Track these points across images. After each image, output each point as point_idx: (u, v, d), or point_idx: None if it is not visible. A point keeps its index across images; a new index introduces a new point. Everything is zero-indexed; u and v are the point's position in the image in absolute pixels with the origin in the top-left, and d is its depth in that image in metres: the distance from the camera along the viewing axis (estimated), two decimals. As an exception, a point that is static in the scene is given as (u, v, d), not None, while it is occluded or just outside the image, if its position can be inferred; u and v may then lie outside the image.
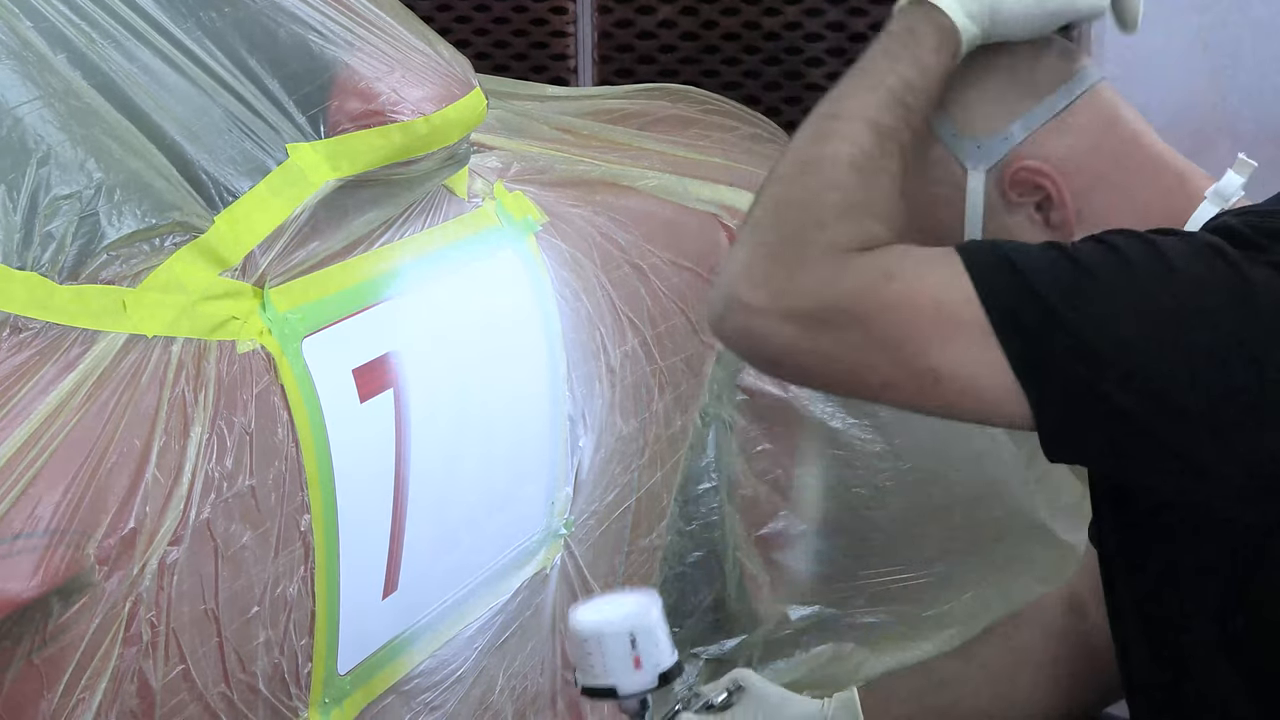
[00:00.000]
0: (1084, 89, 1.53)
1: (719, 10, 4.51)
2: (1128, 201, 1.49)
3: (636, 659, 1.60)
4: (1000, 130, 1.50)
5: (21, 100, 1.73)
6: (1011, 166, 1.49)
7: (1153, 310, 1.30)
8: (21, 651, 1.50)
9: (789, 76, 4.46)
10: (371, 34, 2.08)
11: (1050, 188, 1.48)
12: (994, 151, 1.51)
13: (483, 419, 2.19)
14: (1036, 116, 1.50)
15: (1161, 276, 1.31)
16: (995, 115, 1.51)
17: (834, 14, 4.40)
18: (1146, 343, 1.29)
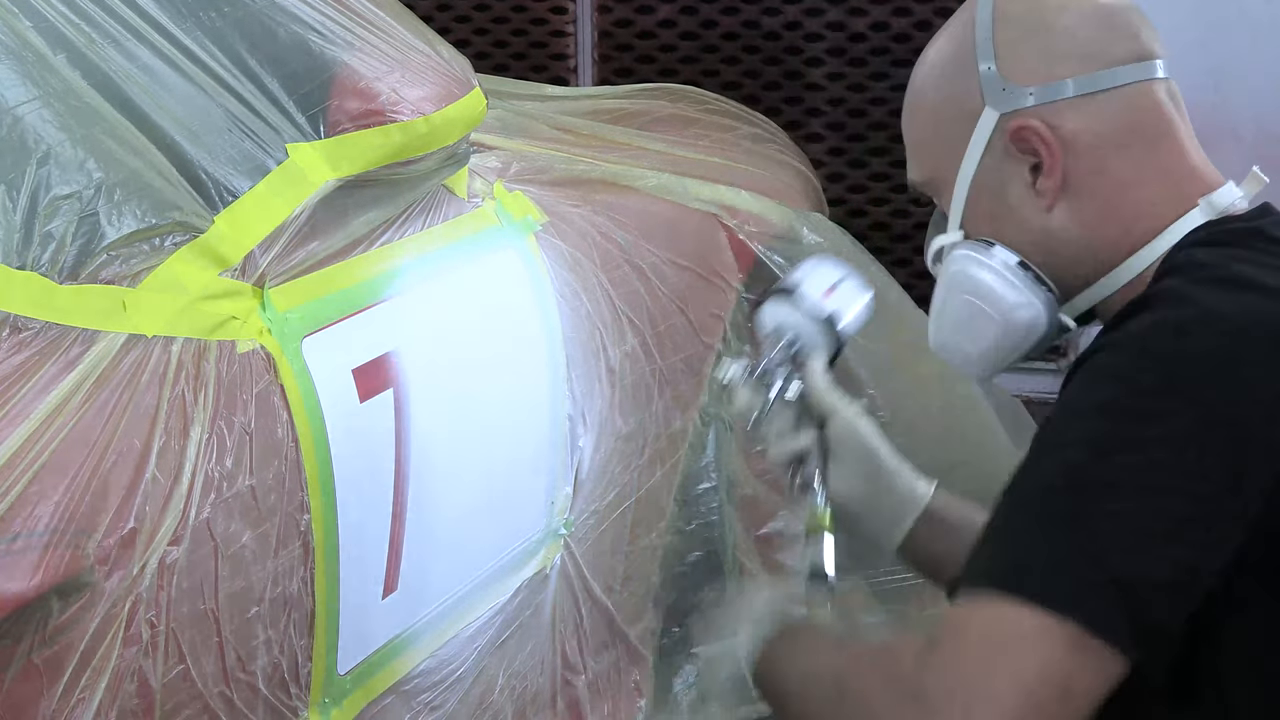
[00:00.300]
0: (1131, 81, 1.50)
1: (719, 10, 4.51)
2: (1119, 196, 1.48)
3: (830, 290, 1.80)
4: (1030, 84, 1.50)
5: (21, 100, 1.74)
6: (1021, 122, 1.49)
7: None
8: (21, 651, 1.50)
9: (789, 76, 4.46)
10: (371, 34, 2.08)
11: (1045, 157, 1.49)
12: (1014, 101, 1.50)
13: (482, 419, 2.19)
14: (1070, 88, 1.49)
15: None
16: (1034, 69, 1.50)
17: (834, 14, 4.40)
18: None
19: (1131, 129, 1.49)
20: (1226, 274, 1.37)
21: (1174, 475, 1.27)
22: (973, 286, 1.53)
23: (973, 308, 1.55)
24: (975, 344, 1.57)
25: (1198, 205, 1.47)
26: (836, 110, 4.41)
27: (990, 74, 1.51)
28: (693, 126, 3.17)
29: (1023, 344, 1.53)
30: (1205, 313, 1.33)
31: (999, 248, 1.52)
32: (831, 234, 3.01)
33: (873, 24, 4.36)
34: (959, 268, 1.54)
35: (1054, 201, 1.49)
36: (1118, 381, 1.31)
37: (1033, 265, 1.51)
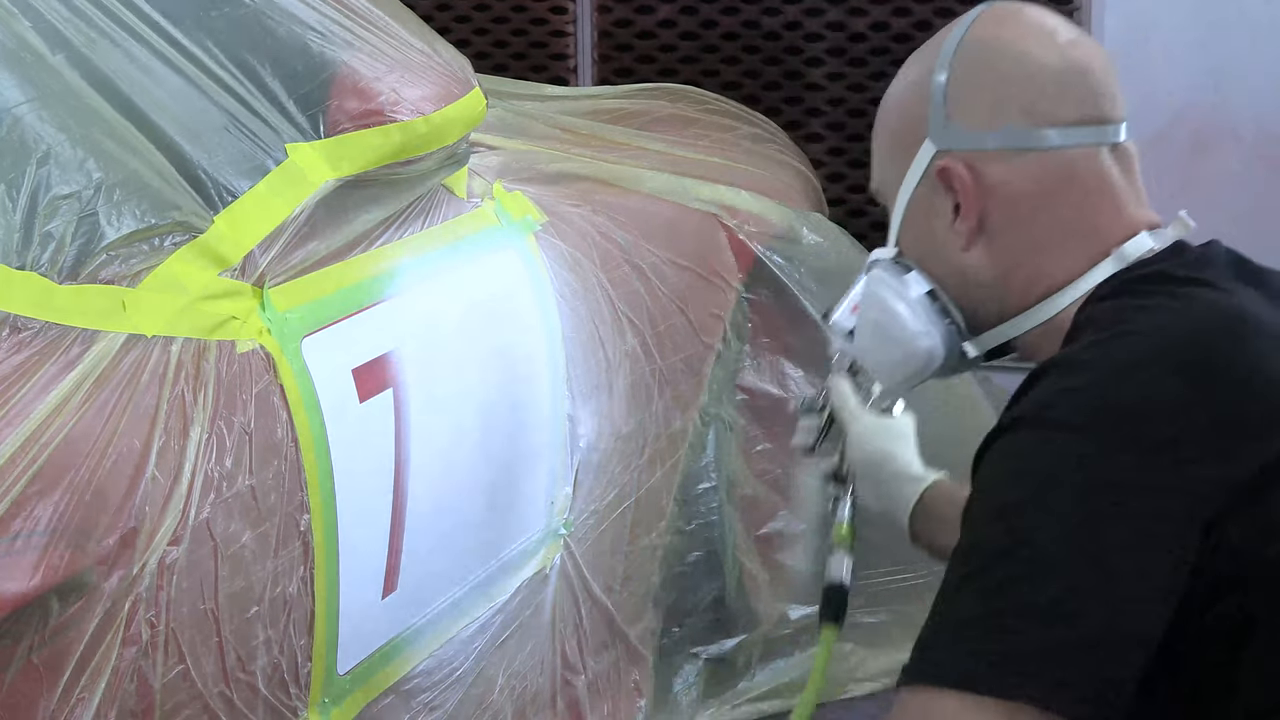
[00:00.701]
0: (1070, 144, 1.51)
1: (719, 10, 4.51)
2: (1034, 249, 1.50)
3: (856, 306, 1.81)
4: (970, 127, 1.52)
5: (20, 100, 1.74)
6: (947, 162, 1.52)
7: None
8: (21, 651, 1.50)
9: (789, 76, 4.46)
10: (371, 33, 2.08)
11: (963, 201, 1.51)
12: (951, 139, 1.53)
13: (482, 419, 2.19)
14: (1004, 139, 1.51)
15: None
16: (977, 113, 1.52)
17: (834, 14, 4.40)
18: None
19: (1060, 189, 1.50)
20: (1118, 330, 1.38)
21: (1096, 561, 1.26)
22: (882, 308, 1.59)
23: (880, 328, 1.61)
24: (883, 360, 1.64)
25: (1109, 257, 1.48)
26: (836, 110, 4.41)
27: (938, 108, 1.54)
28: (692, 126, 3.17)
29: (925, 368, 1.59)
30: (1091, 383, 1.33)
31: (913, 275, 1.57)
32: (831, 234, 3.01)
33: (873, 24, 4.36)
34: (872, 289, 1.61)
35: (969, 243, 1.52)
36: (1028, 476, 1.31)
37: (943, 295, 1.55)
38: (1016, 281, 1.51)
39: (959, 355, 1.58)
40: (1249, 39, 4.51)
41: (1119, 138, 1.53)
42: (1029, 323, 1.51)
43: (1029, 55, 1.52)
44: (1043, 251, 1.50)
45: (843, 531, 1.95)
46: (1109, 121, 1.53)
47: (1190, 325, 1.38)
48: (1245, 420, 1.30)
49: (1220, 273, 1.46)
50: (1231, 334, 1.37)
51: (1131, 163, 1.55)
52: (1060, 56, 1.52)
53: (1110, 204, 1.51)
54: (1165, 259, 1.48)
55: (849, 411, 1.91)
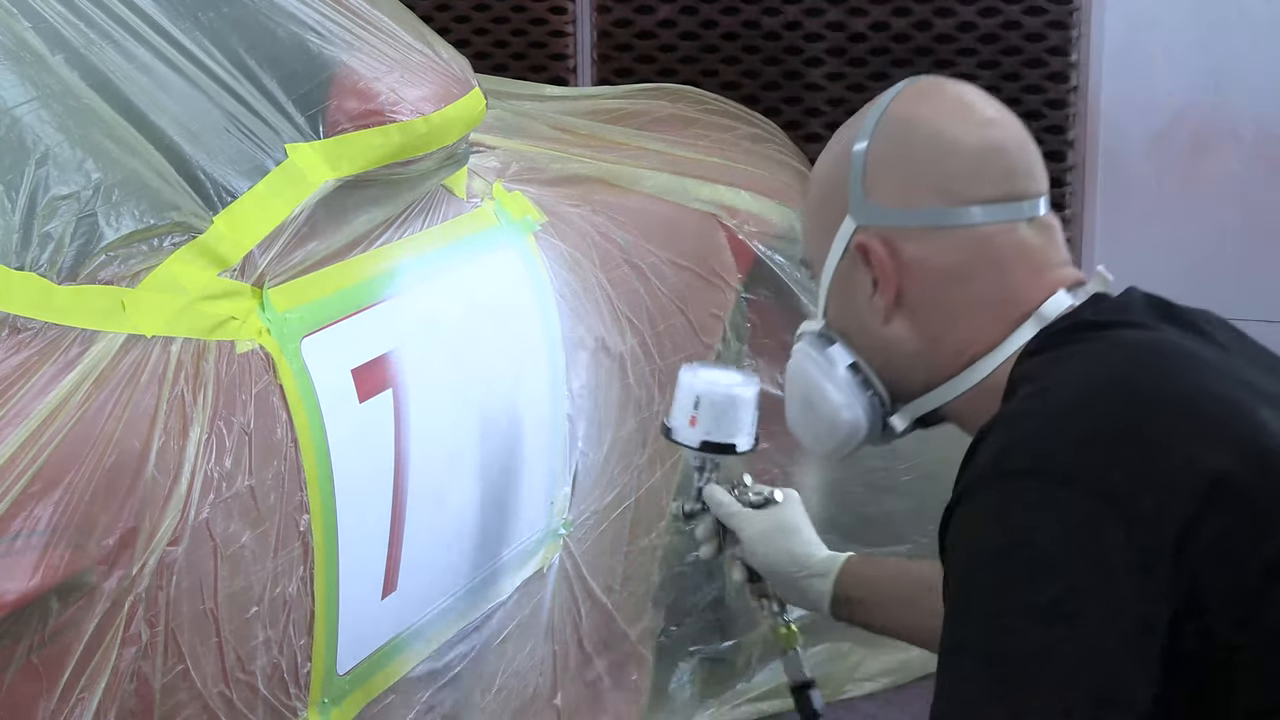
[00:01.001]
0: (986, 222, 1.52)
1: (718, 10, 4.51)
2: (954, 321, 1.52)
3: (693, 419, 2.01)
4: (886, 205, 1.54)
5: (20, 100, 1.74)
6: (864, 239, 1.54)
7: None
8: (21, 651, 1.50)
9: (788, 76, 4.46)
10: (370, 33, 2.08)
11: (879, 277, 1.53)
12: (869, 216, 1.55)
13: (481, 419, 2.19)
14: (920, 217, 1.52)
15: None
16: (893, 191, 1.54)
17: (834, 14, 4.40)
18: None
19: (977, 265, 1.52)
20: (1051, 378, 1.40)
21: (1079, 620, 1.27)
22: (805, 381, 1.63)
23: (804, 400, 1.64)
24: (808, 432, 1.67)
25: (1030, 319, 1.50)
26: (836, 110, 4.41)
27: (857, 184, 1.55)
28: (692, 126, 3.17)
29: (849, 440, 1.62)
30: (1036, 430, 1.35)
31: (836, 347, 1.60)
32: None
33: (872, 24, 4.36)
34: (796, 361, 1.64)
35: (888, 317, 1.54)
36: (996, 541, 1.31)
37: (866, 368, 1.58)
38: (941, 351, 1.53)
39: (885, 427, 1.61)
40: (1249, 39, 4.51)
41: (1037, 212, 1.54)
42: (956, 389, 1.53)
43: (944, 135, 1.53)
44: (962, 322, 1.52)
45: (783, 632, 2.01)
46: (1026, 198, 1.54)
47: (1122, 358, 1.40)
48: (1194, 435, 1.31)
49: (1141, 314, 1.48)
50: (1163, 359, 1.40)
51: (1052, 230, 1.56)
52: (976, 136, 1.53)
53: (1028, 271, 1.52)
54: (1085, 309, 1.50)
55: (735, 518, 1.97)
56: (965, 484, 1.37)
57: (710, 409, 2.01)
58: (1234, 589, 1.27)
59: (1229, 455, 1.30)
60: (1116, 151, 4.63)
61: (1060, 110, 4.30)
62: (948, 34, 4.33)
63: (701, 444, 2.01)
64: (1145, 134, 4.61)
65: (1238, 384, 1.39)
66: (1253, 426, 1.33)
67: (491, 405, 2.21)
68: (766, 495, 1.99)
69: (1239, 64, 4.52)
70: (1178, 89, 4.53)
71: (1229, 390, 1.37)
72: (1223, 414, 1.34)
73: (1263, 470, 1.30)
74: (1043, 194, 1.56)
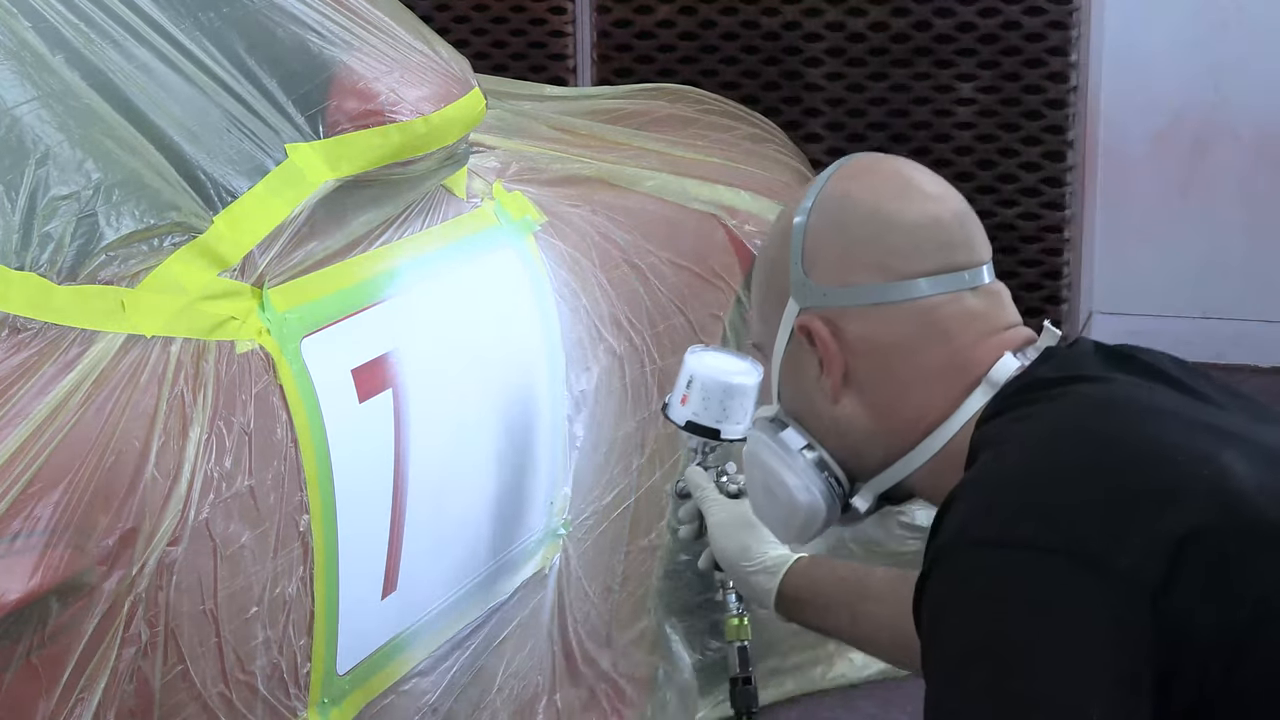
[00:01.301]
0: (927, 295, 1.52)
1: (718, 10, 4.51)
2: (904, 393, 1.52)
3: (684, 398, 2.04)
4: (826, 285, 1.53)
5: (20, 100, 1.73)
6: (806, 320, 1.54)
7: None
8: (20, 651, 1.50)
9: (787, 76, 4.46)
10: (370, 34, 2.07)
11: (824, 357, 1.53)
12: (810, 297, 1.54)
13: (481, 419, 2.19)
14: (860, 295, 1.52)
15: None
16: (832, 271, 1.54)
17: (833, 14, 4.40)
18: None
19: (922, 338, 1.51)
20: (1009, 442, 1.40)
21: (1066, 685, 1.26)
22: (760, 466, 1.63)
23: (763, 486, 1.64)
24: (770, 516, 1.67)
25: (980, 385, 1.49)
26: (835, 110, 4.41)
27: (797, 266, 1.55)
28: (691, 126, 3.17)
29: (810, 522, 1.61)
30: (999, 498, 1.34)
31: (789, 431, 1.59)
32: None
33: (872, 24, 4.36)
34: (751, 447, 1.65)
35: (838, 396, 1.54)
36: (964, 629, 1.31)
37: (821, 449, 1.58)
38: (894, 425, 1.53)
39: (847, 507, 1.60)
40: (1248, 39, 4.51)
41: (981, 281, 1.54)
42: (915, 462, 1.52)
43: (880, 212, 1.53)
44: (913, 394, 1.51)
45: (733, 624, 2.04)
46: (967, 268, 1.53)
47: (1080, 416, 1.39)
48: (1158, 493, 1.30)
49: (1094, 366, 1.47)
50: (1121, 415, 1.39)
51: (997, 295, 1.55)
52: (912, 210, 1.53)
53: (975, 337, 1.52)
54: (1036, 367, 1.49)
55: (706, 502, 1.99)
56: (934, 553, 1.36)
57: (701, 391, 2.03)
58: (1219, 640, 1.26)
59: (1196, 510, 1.28)
60: (1116, 151, 4.63)
61: (1060, 110, 4.30)
62: (947, 34, 4.33)
63: (687, 423, 2.04)
64: (1145, 134, 4.61)
65: (1200, 429, 1.38)
66: (1219, 474, 1.32)
67: (491, 406, 2.21)
68: (741, 486, 1.98)
69: (1238, 64, 4.52)
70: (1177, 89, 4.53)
71: (1191, 439, 1.36)
72: (1186, 466, 1.32)
73: (1233, 519, 1.29)
74: (984, 263, 1.55)
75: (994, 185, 4.36)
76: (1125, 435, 1.36)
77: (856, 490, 1.59)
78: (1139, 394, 1.43)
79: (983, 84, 4.34)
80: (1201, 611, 1.26)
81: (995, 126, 4.35)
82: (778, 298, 1.58)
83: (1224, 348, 4.63)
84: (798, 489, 1.58)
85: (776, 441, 1.60)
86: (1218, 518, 1.29)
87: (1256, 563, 1.28)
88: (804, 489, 1.58)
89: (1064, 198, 4.35)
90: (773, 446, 1.60)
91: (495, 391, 2.22)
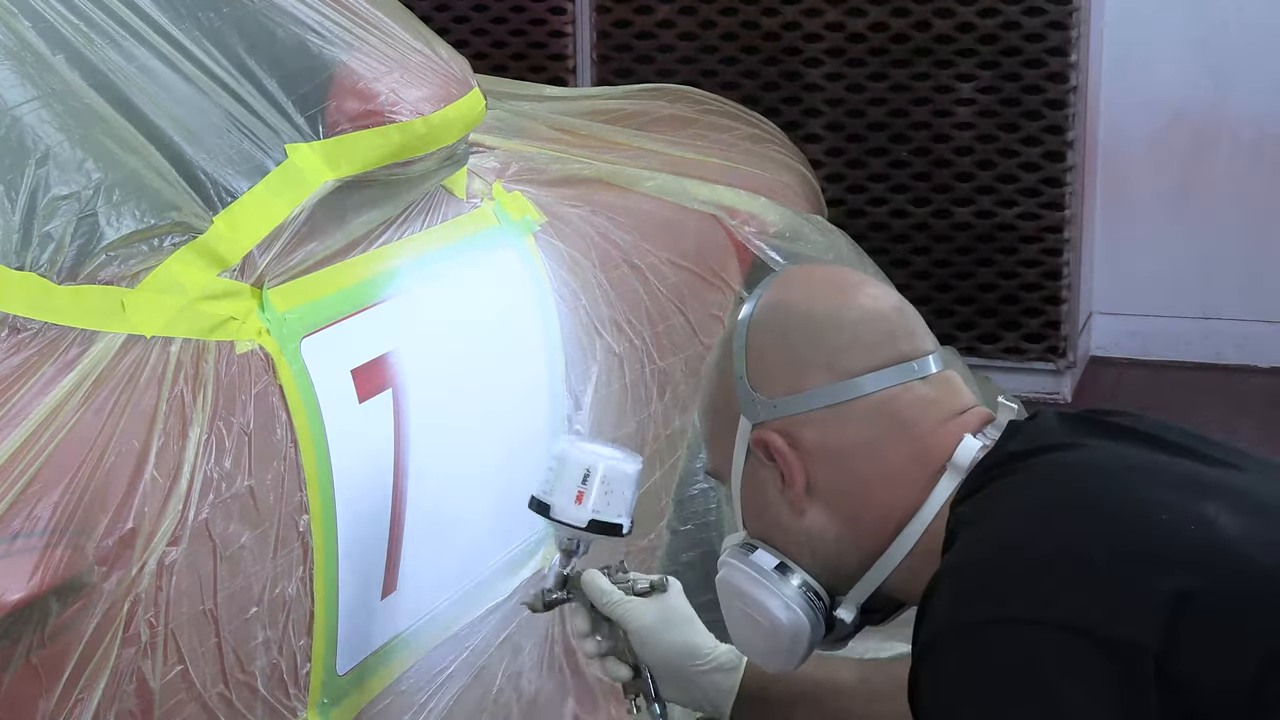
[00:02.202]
0: (877, 389, 1.50)
1: (717, 10, 4.51)
2: (868, 493, 1.50)
3: (580, 494, 1.84)
4: (774, 396, 1.52)
5: (20, 100, 1.73)
6: (760, 434, 1.52)
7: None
8: (20, 651, 1.50)
9: (787, 77, 4.46)
10: (370, 34, 2.07)
11: (784, 469, 1.52)
12: (760, 411, 1.53)
13: (481, 419, 2.19)
14: (810, 401, 1.51)
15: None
16: (777, 381, 1.53)
17: (832, 14, 4.40)
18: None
19: (878, 432, 1.50)
20: (986, 522, 1.37)
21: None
22: (736, 592, 1.58)
23: (742, 612, 1.59)
24: (755, 645, 1.61)
25: (945, 473, 1.47)
26: (835, 111, 4.41)
27: (743, 384, 1.54)
28: (691, 127, 3.17)
29: (796, 642, 1.56)
30: (981, 581, 1.32)
31: (760, 552, 1.56)
32: (829, 235, 3.01)
33: (871, 25, 4.37)
34: (723, 574, 1.60)
35: (802, 506, 1.52)
36: (966, 698, 1.29)
37: (794, 565, 1.54)
38: (864, 527, 1.51)
39: (831, 621, 1.56)
40: (1247, 39, 4.52)
41: (928, 370, 1.52)
42: (892, 562, 1.50)
43: (816, 313, 1.52)
44: (878, 493, 1.50)
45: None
46: (913, 358, 1.52)
47: (1053, 485, 1.38)
48: (1145, 558, 1.28)
49: (1060, 434, 1.45)
50: (1097, 480, 1.37)
51: (949, 382, 1.53)
52: (850, 308, 1.52)
53: (932, 425, 1.50)
54: (1004, 443, 1.47)
55: (621, 607, 1.82)
56: (924, 643, 1.34)
57: (603, 484, 1.86)
58: (1227, 700, 1.24)
59: (1184, 572, 1.27)
60: (1116, 152, 4.64)
61: (1060, 111, 4.30)
62: (947, 34, 4.34)
63: (590, 524, 1.85)
64: (1144, 134, 4.61)
65: (1178, 482, 1.37)
66: (1205, 530, 1.31)
67: (490, 406, 2.21)
68: (651, 582, 1.85)
69: (1237, 64, 4.53)
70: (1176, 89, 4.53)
71: (1172, 496, 1.34)
72: (1172, 525, 1.31)
73: (1225, 574, 1.28)
74: (930, 353, 1.53)
75: (993, 185, 4.36)
76: (1106, 500, 1.34)
77: (838, 605, 1.56)
78: (1111, 459, 1.41)
79: (982, 84, 4.34)
80: (1206, 673, 1.24)
81: (995, 127, 4.35)
82: (728, 419, 1.56)
83: (1223, 348, 4.64)
84: (778, 609, 1.55)
85: (749, 565, 1.57)
86: (1209, 576, 1.27)
87: (1254, 616, 1.27)
88: (784, 608, 1.55)
89: (1063, 198, 4.35)
90: (746, 571, 1.57)
91: (495, 392, 2.23)
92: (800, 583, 1.55)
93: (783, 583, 1.55)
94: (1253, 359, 4.63)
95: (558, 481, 1.86)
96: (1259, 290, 4.67)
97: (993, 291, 4.41)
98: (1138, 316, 4.74)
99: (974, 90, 4.34)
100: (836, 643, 1.60)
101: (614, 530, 1.88)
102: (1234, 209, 4.62)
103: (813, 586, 1.55)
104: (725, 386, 1.57)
